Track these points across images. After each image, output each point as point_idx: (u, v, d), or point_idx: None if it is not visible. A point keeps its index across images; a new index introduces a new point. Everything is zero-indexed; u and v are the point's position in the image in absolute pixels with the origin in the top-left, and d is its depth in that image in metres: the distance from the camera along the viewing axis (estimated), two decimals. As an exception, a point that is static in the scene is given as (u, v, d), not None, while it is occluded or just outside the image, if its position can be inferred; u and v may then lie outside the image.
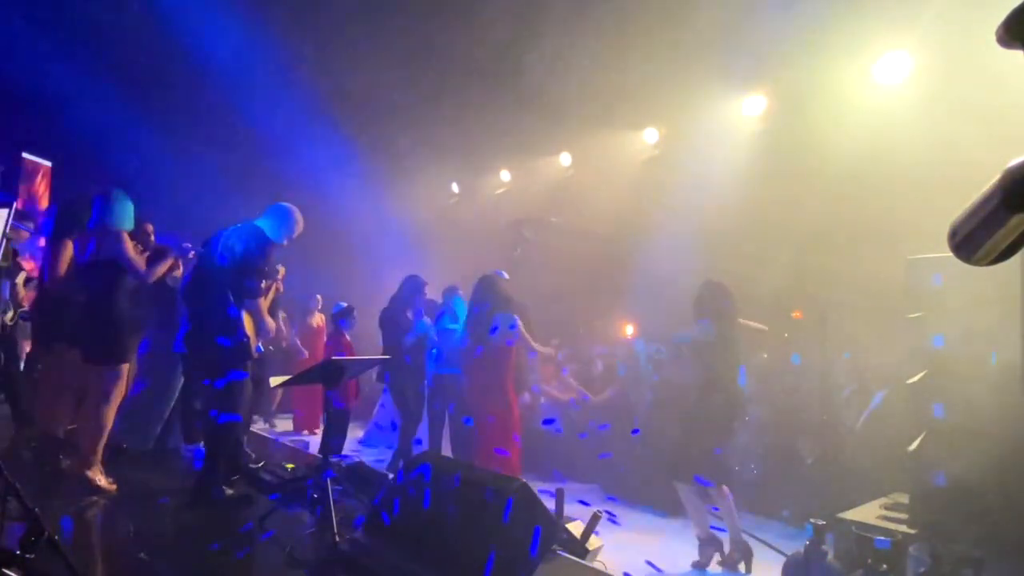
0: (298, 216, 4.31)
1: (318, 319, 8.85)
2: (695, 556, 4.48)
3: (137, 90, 7.57)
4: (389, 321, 6.16)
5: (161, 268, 4.56)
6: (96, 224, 4.28)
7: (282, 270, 5.53)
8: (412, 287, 6.24)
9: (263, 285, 4.29)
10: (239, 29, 6.50)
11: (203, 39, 6.63)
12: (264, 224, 4.19)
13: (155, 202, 5.99)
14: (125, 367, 4.32)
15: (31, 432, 4.76)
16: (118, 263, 4.21)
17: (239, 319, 4.03)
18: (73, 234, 4.55)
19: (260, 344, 4.32)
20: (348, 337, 6.77)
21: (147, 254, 4.72)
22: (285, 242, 4.26)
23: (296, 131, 8.57)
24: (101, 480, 4.15)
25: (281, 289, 5.62)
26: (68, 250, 4.47)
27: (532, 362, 7.90)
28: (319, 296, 8.95)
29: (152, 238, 5.56)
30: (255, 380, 4.50)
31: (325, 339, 7.96)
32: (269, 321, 4.32)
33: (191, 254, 5.04)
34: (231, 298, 4.00)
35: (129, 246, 4.22)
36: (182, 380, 5.37)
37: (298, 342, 8.52)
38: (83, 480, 4.10)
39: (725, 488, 4.42)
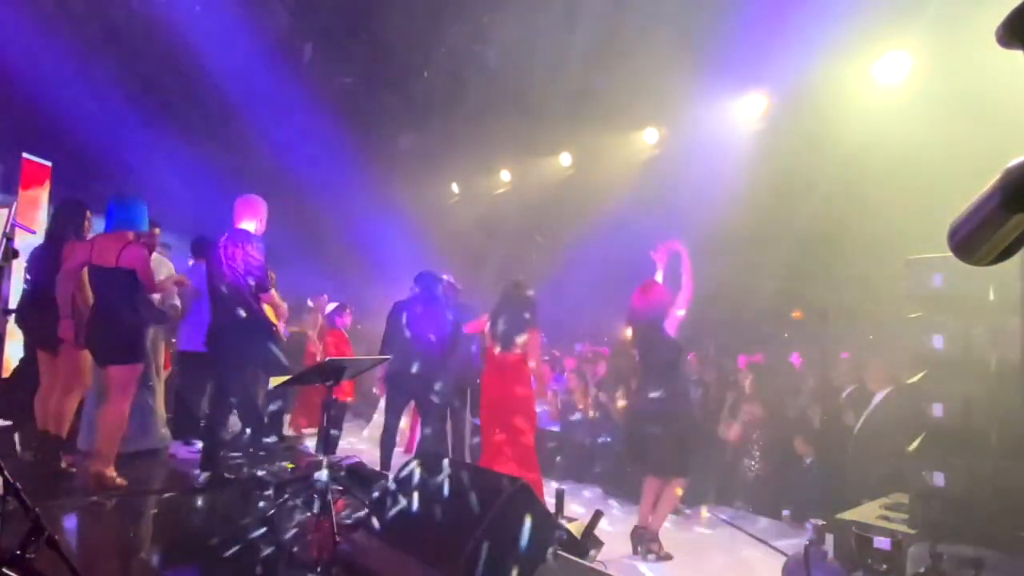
0: (258, 198, 4.74)
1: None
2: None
3: (139, 90, 7.56)
4: (423, 322, 5.55)
5: (167, 286, 4.88)
6: (113, 228, 4.34)
7: (272, 276, 5.68)
8: (440, 284, 5.83)
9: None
10: (240, 29, 6.50)
11: (204, 39, 6.62)
12: (248, 226, 4.59)
13: (157, 202, 5.99)
14: (141, 367, 4.42)
15: (31, 432, 4.76)
16: (134, 268, 4.27)
17: (264, 314, 4.54)
18: (72, 235, 4.57)
19: (286, 328, 4.83)
20: (344, 334, 6.78)
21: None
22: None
23: (296, 132, 8.57)
24: (115, 477, 4.19)
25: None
26: (71, 250, 4.48)
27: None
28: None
29: (157, 240, 5.55)
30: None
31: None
32: (282, 304, 4.91)
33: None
34: (251, 299, 4.44)
35: (147, 255, 4.36)
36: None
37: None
38: (100, 477, 4.13)
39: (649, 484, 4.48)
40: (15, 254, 3.16)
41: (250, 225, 4.59)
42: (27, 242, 5.07)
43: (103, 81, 7.21)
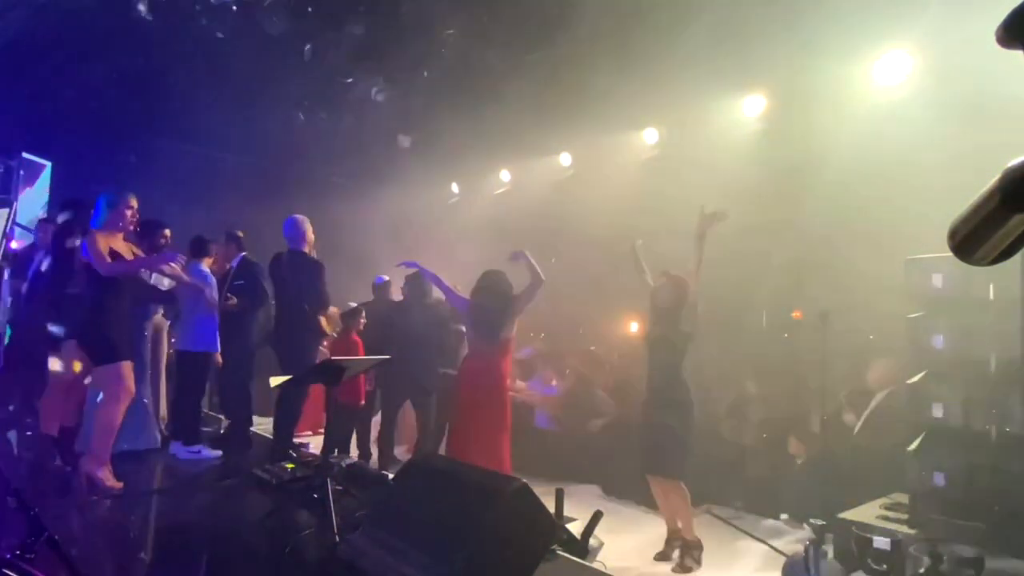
0: (305, 219, 5.36)
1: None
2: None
3: (139, 90, 7.56)
4: (416, 322, 5.83)
5: (123, 269, 4.35)
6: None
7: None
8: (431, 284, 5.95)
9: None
10: (239, 28, 6.50)
11: (204, 39, 6.62)
12: (302, 245, 5.23)
13: (158, 203, 5.99)
14: (125, 365, 4.30)
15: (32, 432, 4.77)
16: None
17: (321, 326, 5.38)
18: (70, 234, 4.60)
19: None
20: (356, 336, 6.77)
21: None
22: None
23: (296, 131, 8.56)
24: (109, 479, 4.16)
25: None
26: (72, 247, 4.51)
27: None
28: None
29: (166, 241, 5.49)
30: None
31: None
32: (334, 317, 5.92)
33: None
34: (310, 315, 5.14)
35: (98, 245, 4.19)
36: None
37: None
38: (91, 479, 4.11)
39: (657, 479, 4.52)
40: (15, 254, 3.16)
41: (303, 244, 5.26)
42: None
43: (105, 80, 7.20)
